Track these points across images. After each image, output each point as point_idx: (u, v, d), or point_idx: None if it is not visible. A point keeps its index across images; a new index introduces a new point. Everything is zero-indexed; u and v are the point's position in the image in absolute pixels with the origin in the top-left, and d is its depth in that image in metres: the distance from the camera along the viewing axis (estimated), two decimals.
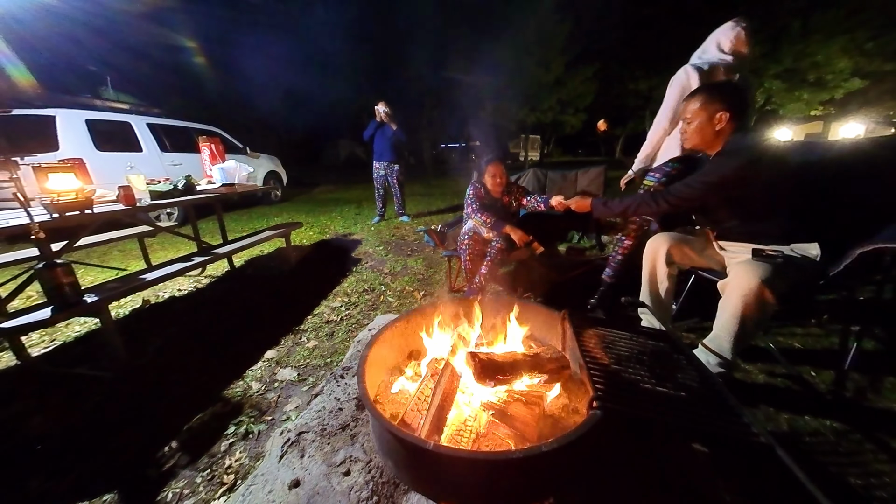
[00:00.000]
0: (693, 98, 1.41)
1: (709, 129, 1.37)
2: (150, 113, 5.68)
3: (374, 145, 4.74)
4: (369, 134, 4.67)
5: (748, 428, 0.66)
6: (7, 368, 1.80)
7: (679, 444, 0.90)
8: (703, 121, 1.37)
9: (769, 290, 1.15)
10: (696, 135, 1.41)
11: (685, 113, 1.44)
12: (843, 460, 1.13)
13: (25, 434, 1.36)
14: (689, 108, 1.41)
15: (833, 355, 1.55)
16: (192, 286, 2.86)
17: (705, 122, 1.37)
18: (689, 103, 1.42)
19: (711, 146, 1.41)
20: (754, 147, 1.29)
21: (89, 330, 2.19)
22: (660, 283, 1.62)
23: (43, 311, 1.54)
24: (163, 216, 5.10)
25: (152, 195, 2.31)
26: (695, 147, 1.47)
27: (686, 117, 1.43)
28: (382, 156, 4.75)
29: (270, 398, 1.54)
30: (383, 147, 4.70)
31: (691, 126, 1.42)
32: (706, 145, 1.43)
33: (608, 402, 0.69)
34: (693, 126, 1.41)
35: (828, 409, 1.34)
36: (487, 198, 2.36)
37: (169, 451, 1.26)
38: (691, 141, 1.45)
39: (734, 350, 1.27)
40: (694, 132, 1.42)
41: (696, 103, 1.39)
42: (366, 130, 4.69)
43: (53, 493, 1.11)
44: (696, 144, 1.45)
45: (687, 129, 1.44)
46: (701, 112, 1.37)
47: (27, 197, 1.63)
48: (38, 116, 4.22)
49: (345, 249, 3.83)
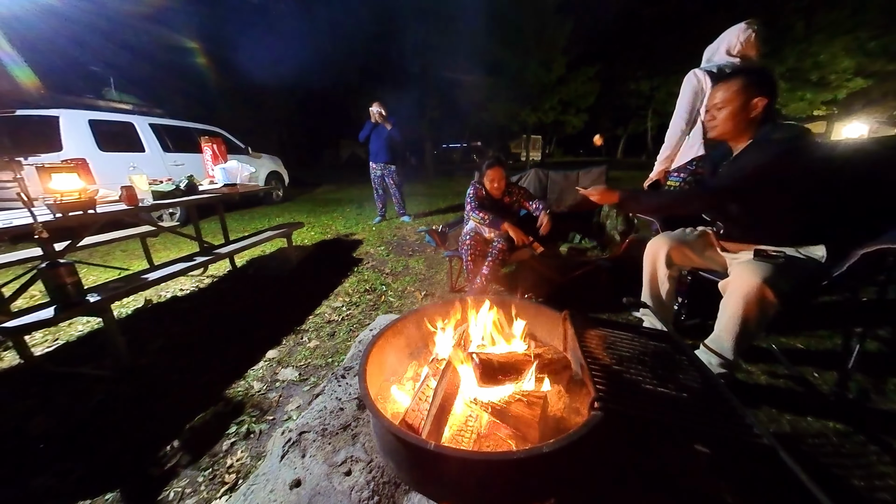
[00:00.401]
0: (728, 83, 1.31)
1: (742, 117, 1.29)
2: (153, 113, 5.70)
3: (370, 146, 4.73)
4: (364, 135, 4.67)
5: (750, 429, 0.66)
6: (10, 368, 1.81)
7: (681, 445, 0.89)
8: (738, 107, 1.28)
9: (771, 290, 1.14)
10: (727, 122, 1.32)
11: (713, 99, 1.35)
12: (847, 462, 1.12)
13: (29, 433, 1.36)
14: (721, 94, 1.32)
15: (836, 356, 1.54)
16: (194, 286, 2.87)
17: (739, 108, 1.28)
18: (720, 89, 1.33)
19: (740, 136, 1.34)
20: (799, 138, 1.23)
21: (92, 329, 2.20)
22: (660, 284, 1.62)
23: (46, 310, 1.55)
24: (165, 216, 5.12)
25: (155, 195, 2.32)
26: (721, 136, 1.39)
27: (715, 104, 1.34)
28: (378, 156, 4.73)
29: (272, 398, 1.54)
30: (379, 147, 4.68)
31: (721, 113, 1.32)
32: (734, 134, 1.35)
33: (609, 402, 0.69)
34: (724, 113, 1.31)
35: (831, 410, 1.33)
36: (488, 198, 2.37)
37: (171, 450, 1.27)
38: (720, 129, 1.36)
39: (736, 350, 1.26)
40: (725, 119, 1.32)
41: (730, 88, 1.29)
42: (361, 131, 4.68)
43: (56, 491, 1.12)
44: (723, 133, 1.37)
45: (716, 117, 1.35)
46: (736, 98, 1.28)
47: (31, 197, 1.63)
48: (41, 117, 4.25)
49: (346, 249, 3.84)
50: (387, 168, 4.79)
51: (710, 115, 1.39)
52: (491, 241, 2.14)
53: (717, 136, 1.42)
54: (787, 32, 11.34)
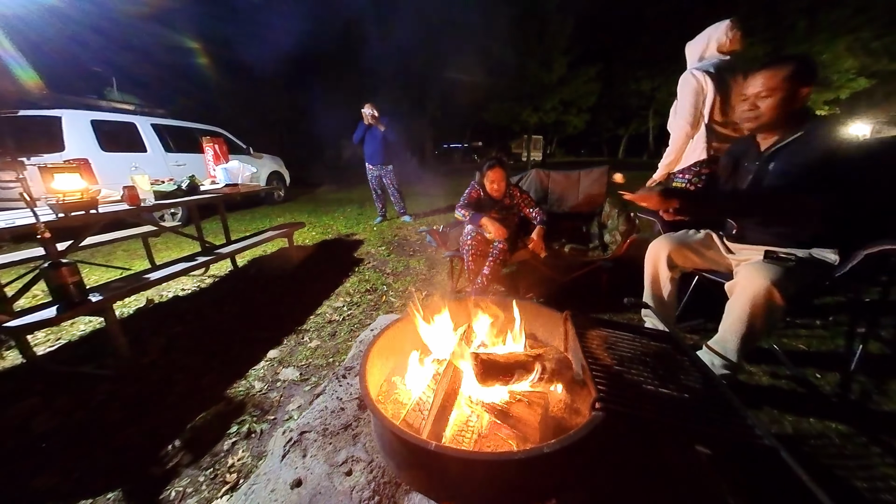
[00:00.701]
0: (773, 70, 1.21)
1: (787, 107, 1.21)
2: (155, 114, 5.73)
3: (365, 148, 4.72)
4: (359, 136, 4.65)
5: (752, 430, 0.66)
6: (13, 367, 1.82)
7: (682, 445, 0.89)
8: (785, 96, 1.20)
9: (779, 292, 1.13)
10: (772, 112, 1.23)
11: (753, 88, 1.26)
12: (849, 463, 1.12)
13: (31, 432, 1.37)
14: (765, 81, 1.22)
15: (838, 357, 1.54)
16: (195, 286, 2.87)
17: (787, 97, 1.20)
18: (763, 77, 1.23)
19: (778, 128, 1.27)
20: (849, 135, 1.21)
21: (94, 329, 2.20)
22: (662, 286, 1.61)
23: (48, 310, 1.55)
24: (167, 216, 5.13)
25: (156, 195, 2.32)
26: (760, 127, 1.31)
27: (758, 92, 1.25)
28: (374, 158, 4.72)
29: (273, 397, 1.54)
30: (374, 149, 4.66)
31: (766, 102, 1.23)
32: (774, 126, 1.27)
33: (611, 403, 0.69)
34: (769, 102, 1.22)
35: (833, 411, 1.32)
36: (486, 199, 2.38)
37: (172, 449, 1.27)
38: (763, 119, 1.27)
39: (740, 352, 1.25)
40: (770, 109, 1.23)
41: (777, 76, 1.20)
42: (355, 133, 4.65)
43: (58, 490, 1.12)
44: (765, 124, 1.28)
45: (758, 106, 1.26)
46: (784, 86, 1.19)
47: (33, 197, 1.64)
48: (44, 117, 4.27)
49: (347, 249, 3.84)
50: (384, 168, 4.76)
51: (748, 104, 1.29)
52: (492, 242, 2.14)
53: (755, 128, 1.33)
54: (788, 32, 11.31)
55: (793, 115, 1.25)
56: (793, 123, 1.26)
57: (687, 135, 1.90)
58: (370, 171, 4.84)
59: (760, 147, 1.37)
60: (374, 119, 4.49)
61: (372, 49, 12.17)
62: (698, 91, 1.82)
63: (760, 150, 1.37)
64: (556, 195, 2.87)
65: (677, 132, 1.93)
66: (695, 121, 1.86)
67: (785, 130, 1.28)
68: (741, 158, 1.46)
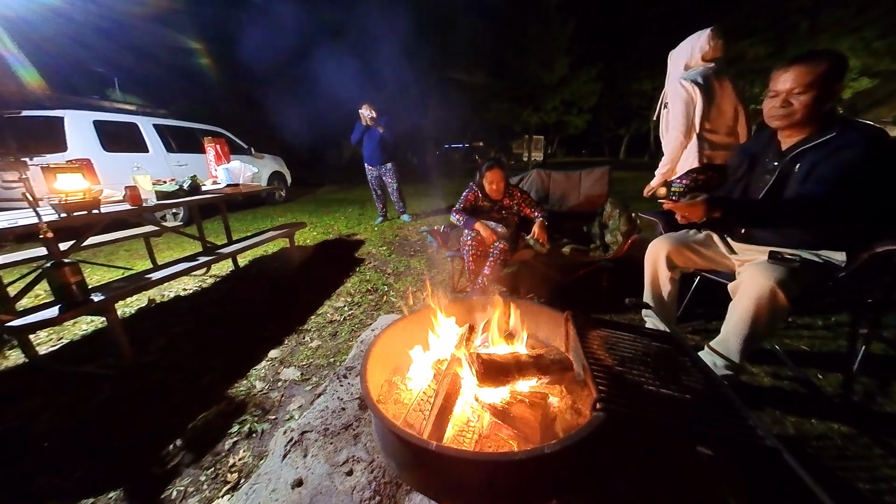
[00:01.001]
0: (809, 64, 1.14)
1: (822, 105, 1.16)
2: (157, 114, 5.74)
3: (364, 149, 4.68)
4: (356, 137, 4.61)
5: (754, 431, 0.65)
6: (16, 366, 1.82)
7: (683, 446, 0.89)
8: (822, 93, 1.14)
9: (783, 293, 1.11)
10: (806, 110, 1.17)
11: (785, 83, 1.19)
12: (852, 464, 1.12)
13: (33, 431, 1.37)
14: (799, 77, 1.15)
15: (841, 358, 1.53)
16: (197, 286, 2.88)
17: (823, 94, 1.14)
18: (796, 72, 1.16)
19: (806, 127, 1.21)
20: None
21: (96, 329, 2.21)
22: (662, 286, 1.61)
23: (50, 309, 1.56)
24: (168, 216, 5.14)
25: (158, 195, 2.33)
26: (790, 125, 1.24)
27: (791, 88, 1.18)
28: (372, 159, 4.69)
29: (274, 397, 1.54)
30: (372, 150, 4.62)
31: (801, 98, 1.16)
32: (803, 124, 1.21)
33: (612, 403, 0.69)
34: (804, 98, 1.16)
35: (835, 412, 1.32)
36: (486, 200, 2.38)
37: (174, 449, 1.27)
38: (794, 117, 1.20)
39: (743, 353, 1.24)
40: (804, 106, 1.16)
41: (814, 71, 1.13)
42: (353, 134, 4.60)
43: (60, 490, 1.12)
44: (796, 122, 1.21)
45: (792, 103, 1.19)
46: (821, 82, 1.12)
47: (36, 197, 1.65)
48: (47, 117, 4.28)
49: (348, 249, 3.84)
50: (383, 167, 4.73)
51: (780, 100, 1.22)
52: (492, 242, 2.14)
53: (785, 126, 1.26)
54: (790, 32, 11.28)
55: (824, 113, 1.19)
56: (821, 123, 1.20)
57: (681, 144, 1.97)
58: (369, 172, 4.83)
59: (781, 146, 1.32)
60: (372, 120, 4.45)
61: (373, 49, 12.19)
62: (688, 101, 1.90)
63: (781, 148, 1.31)
64: (557, 195, 2.87)
65: (671, 143, 1.99)
66: (687, 130, 1.93)
67: (813, 130, 1.22)
68: (759, 156, 1.41)
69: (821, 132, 1.21)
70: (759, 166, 1.40)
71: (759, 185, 1.39)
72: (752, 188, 1.42)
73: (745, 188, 1.45)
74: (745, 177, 1.45)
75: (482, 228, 2.13)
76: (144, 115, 5.44)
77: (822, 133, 1.20)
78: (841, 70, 1.14)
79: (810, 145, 1.22)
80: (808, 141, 1.23)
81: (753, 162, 1.43)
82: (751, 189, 1.43)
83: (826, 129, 1.20)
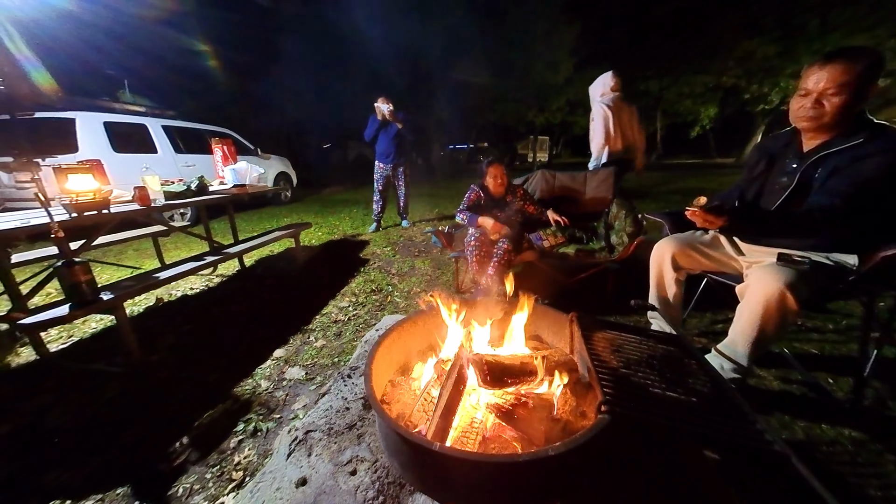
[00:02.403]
0: (845, 63, 1.05)
1: (853, 108, 1.08)
2: (165, 115, 5.83)
3: (378, 146, 4.33)
4: (371, 134, 4.25)
5: (762, 435, 0.65)
6: (27, 363, 1.86)
7: (689, 450, 0.88)
8: (855, 96, 1.06)
9: (793, 296, 1.08)
10: (838, 112, 1.09)
11: (818, 82, 1.11)
12: (862, 471, 1.10)
13: (44, 427, 1.40)
14: (834, 76, 1.07)
15: (852, 362, 1.51)
16: (203, 285, 2.91)
17: (856, 98, 1.06)
18: (833, 70, 1.07)
19: (834, 129, 1.15)
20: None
21: (105, 327, 2.24)
22: (668, 288, 1.59)
23: (61, 307, 1.58)
24: (176, 216, 5.21)
25: (166, 195, 2.36)
26: (819, 127, 1.17)
27: (826, 88, 1.10)
28: (387, 157, 4.36)
29: (279, 396, 1.55)
30: (388, 147, 4.30)
31: (836, 100, 1.08)
32: (832, 126, 1.15)
33: (617, 406, 0.68)
34: (837, 101, 1.08)
35: (846, 417, 1.30)
36: (489, 199, 2.38)
37: (180, 446, 1.29)
38: (824, 119, 1.13)
39: (751, 356, 1.22)
40: (836, 108, 1.09)
41: (852, 70, 1.04)
42: (367, 129, 4.25)
43: (70, 485, 1.14)
44: (825, 124, 1.15)
45: (824, 104, 1.12)
46: (859, 82, 1.05)
47: (48, 197, 1.68)
48: (59, 119, 4.36)
49: (353, 250, 3.86)
50: (396, 169, 4.45)
51: (810, 101, 1.14)
52: (496, 242, 2.13)
53: (814, 128, 1.18)
54: (800, 31, 11.12)
55: (852, 116, 1.12)
56: (849, 126, 1.13)
57: (601, 146, 3.06)
58: (380, 171, 4.46)
59: (803, 146, 1.26)
60: (390, 114, 4.10)
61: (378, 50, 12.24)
62: (606, 118, 3.00)
63: (803, 150, 1.26)
64: (562, 196, 2.85)
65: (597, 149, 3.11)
66: (606, 137, 3.03)
67: (838, 133, 1.15)
68: (778, 156, 1.36)
69: (847, 136, 1.13)
70: (777, 166, 1.36)
71: (775, 187, 1.34)
72: (767, 188, 1.38)
73: (761, 188, 1.40)
74: (762, 176, 1.41)
75: (486, 221, 2.16)
76: (153, 116, 5.53)
77: (847, 137, 1.13)
78: (878, 69, 1.07)
79: (833, 150, 1.15)
80: (832, 145, 1.16)
81: (772, 161, 1.39)
82: (766, 189, 1.38)
83: (853, 134, 1.13)
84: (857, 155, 1.11)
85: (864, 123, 1.14)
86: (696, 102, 18.19)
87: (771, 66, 12.30)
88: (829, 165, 1.17)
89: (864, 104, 1.11)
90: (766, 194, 1.39)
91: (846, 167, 1.12)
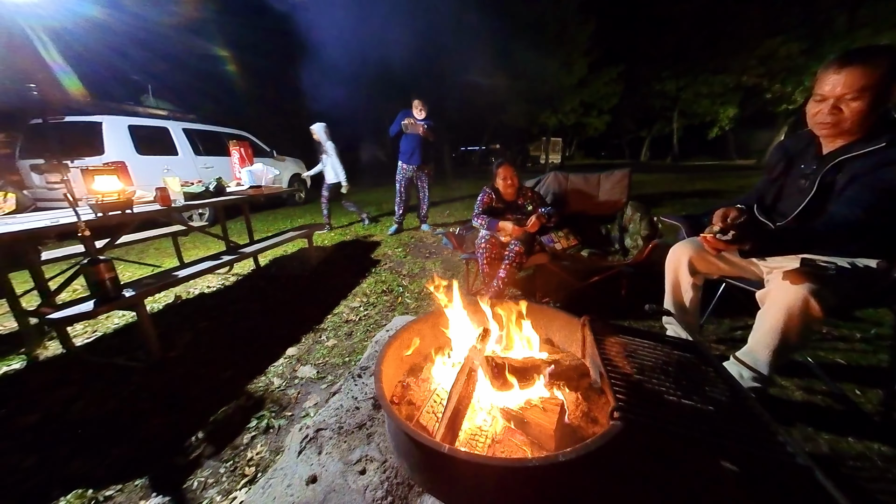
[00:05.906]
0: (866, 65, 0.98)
1: (874, 112, 1.01)
2: (186, 119, 6.01)
3: (402, 145, 4.14)
4: (395, 130, 4.06)
5: (783, 447, 0.62)
6: (55, 356, 1.94)
7: (705, 461, 0.85)
8: (877, 99, 0.99)
9: (817, 303, 1.03)
10: (858, 118, 1.03)
11: (832, 86, 1.04)
12: (893, 488, 1.04)
13: (69, 418, 1.45)
14: (852, 80, 1.00)
15: (881, 373, 1.44)
16: (220, 283, 2.99)
17: (878, 100, 0.99)
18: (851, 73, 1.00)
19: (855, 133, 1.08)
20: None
21: (126, 322, 2.32)
22: (684, 292, 1.55)
23: (86, 303, 1.65)
24: (195, 216, 5.37)
25: (186, 196, 2.44)
26: (838, 133, 1.11)
27: (844, 93, 1.03)
28: (412, 157, 4.14)
29: (291, 394, 1.58)
30: (413, 147, 4.09)
31: (853, 105, 1.02)
32: (852, 132, 1.08)
33: (630, 413, 0.67)
34: (856, 106, 1.02)
35: (875, 431, 1.24)
36: (500, 201, 2.37)
37: (196, 441, 1.32)
38: (843, 126, 1.06)
39: (772, 365, 1.17)
40: (856, 114, 1.02)
41: (874, 73, 0.97)
42: (392, 125, 4.05)
43: (92, 475, 1.18)
44: (845, 131, 1.08)
45: (842, 110, 1.05)
46: (881, 85, 0.97)
47: (76, 197, 1.75)
48: (87, 123, 4.55)
49: (365, 250, 3.90)
50: (419, 171, 4.27)
51: (828, 107, 1.08)
52: (507, 245, 2.12)
53: (833, 135, 1.12)
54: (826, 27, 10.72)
55: (874, 118, 1.05)
56: (871, 128, 1.06)
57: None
58: (403, 172, 4.26)
59: (822, 149, 1.21)
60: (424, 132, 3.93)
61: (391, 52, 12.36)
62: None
63: (822, 152, 1.21)
64: (574, 198, 2.82)
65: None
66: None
67: (860, 136, 1.09)
68: (796, 158, 1.31)
69: (868, 140, 1.07)
70: (795, 169, 1.31)
71: (793, 190, 1.30)
72: (786, 191, 1.34)
73: (780, 191, 1.36)
74: (781, 178, 1.37)
75: (506, 224, 2.18)
76: (175, 119, 5.71)
77: (869, 141, 1.07)
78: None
79: (854, 154, 1.09)
80: (853, 149, 1.10)
81: (791, 162, 1.34)
82: (784, 193, 1.35)
83: (875, 137, 1.06)
84: (879, 160, 1.04)
85: (889, 125, 1.08)
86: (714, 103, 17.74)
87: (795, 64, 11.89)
88: (849, 170, 1.10)
89: (885, 105, 1.03)
90: (785, 197, 1.34)
91: (867, 174, 1.06)
